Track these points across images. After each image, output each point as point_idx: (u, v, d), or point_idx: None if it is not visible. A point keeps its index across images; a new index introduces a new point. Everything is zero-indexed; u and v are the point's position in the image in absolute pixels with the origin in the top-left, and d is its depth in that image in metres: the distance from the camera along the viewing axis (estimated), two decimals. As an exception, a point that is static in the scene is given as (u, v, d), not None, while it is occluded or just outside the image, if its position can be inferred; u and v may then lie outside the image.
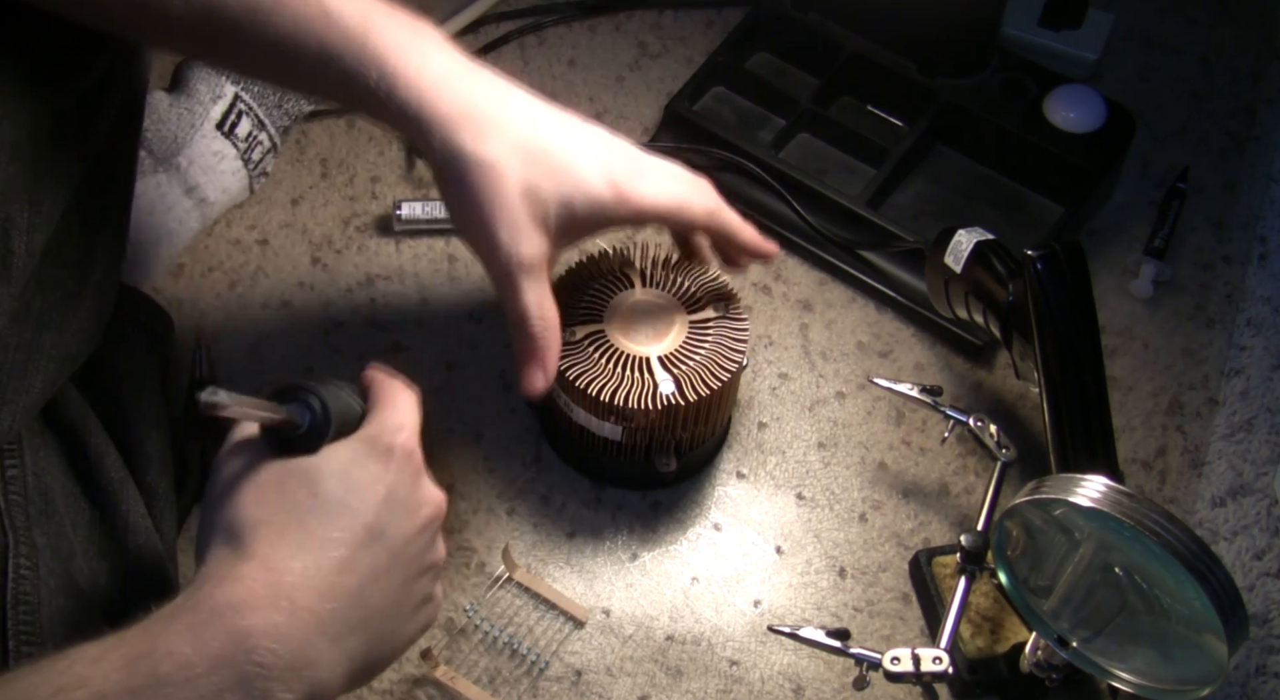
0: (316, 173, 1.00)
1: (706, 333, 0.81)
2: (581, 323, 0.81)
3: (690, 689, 0.80)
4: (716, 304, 0.82)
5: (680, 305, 0.82)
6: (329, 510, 0.57)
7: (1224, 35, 1.10)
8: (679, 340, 0.80)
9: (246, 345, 0.91)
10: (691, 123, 1.00)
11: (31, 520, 0.69)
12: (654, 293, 0.82)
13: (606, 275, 0.83)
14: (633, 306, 0.82)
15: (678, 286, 0.82)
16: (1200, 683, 0.68)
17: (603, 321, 0.81)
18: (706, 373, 0.79)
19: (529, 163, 0.69)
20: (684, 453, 0.83)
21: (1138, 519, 0.65)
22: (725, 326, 0.81)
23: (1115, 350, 0.93)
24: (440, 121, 0.68)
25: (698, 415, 0.81)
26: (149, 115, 0.90)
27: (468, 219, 0.70)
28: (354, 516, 0.58)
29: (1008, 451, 0.84)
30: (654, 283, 0.83)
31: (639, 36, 1.09)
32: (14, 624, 0.65)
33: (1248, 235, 1.00)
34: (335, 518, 0.57)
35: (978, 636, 0.80)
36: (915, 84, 1.00)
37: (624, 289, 0.82)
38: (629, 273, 0.83)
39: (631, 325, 0.81)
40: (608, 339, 0.80)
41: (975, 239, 0.85)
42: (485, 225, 0.69)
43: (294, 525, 0.57)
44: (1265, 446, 0.90)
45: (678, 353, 0.79)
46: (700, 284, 0.82)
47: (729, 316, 0.81)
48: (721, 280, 0.83)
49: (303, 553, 0.56)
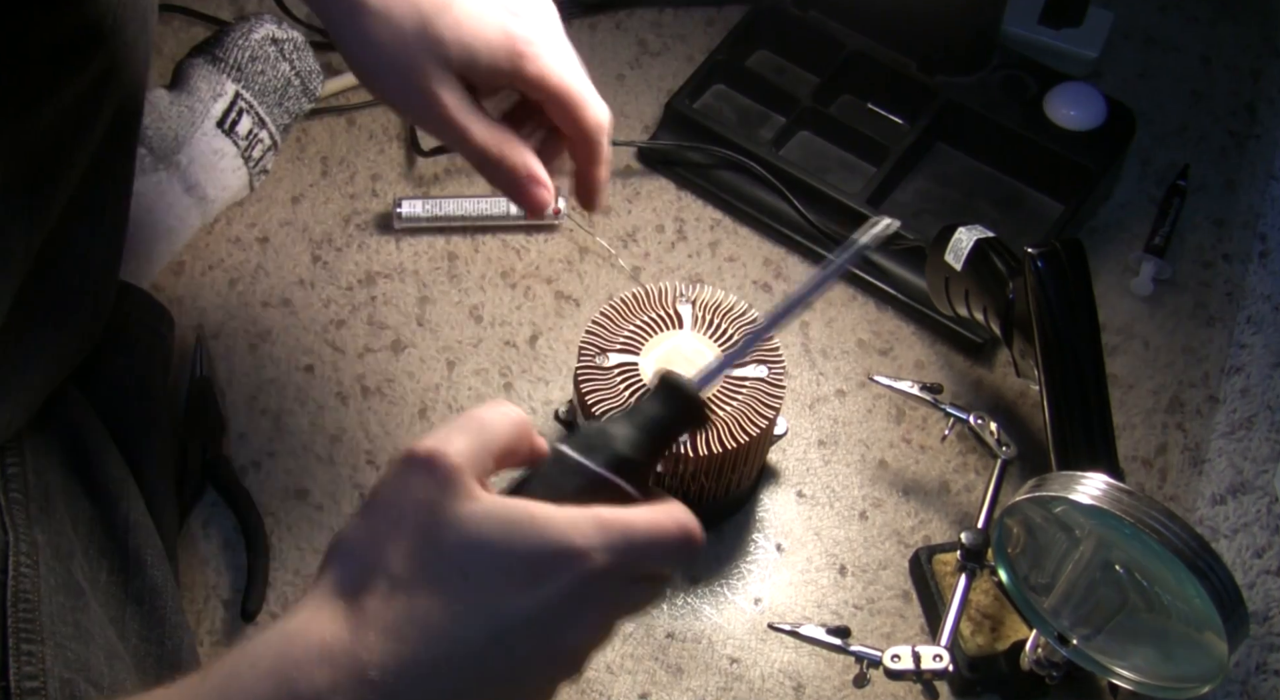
0: (317, 170, 1.00)
1: (741, 389, 0.78)
2: (618, 351, 0.79)
3: (691, 686, 0.80)
4: (759, 364, 0.79)
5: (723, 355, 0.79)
6: (460, 600, 0.47)
7: (1224, 33, 1.10)
8: (710, 391, 0.77)
9: (247, 343, 0.91)
10: (692, 120, 1.00)
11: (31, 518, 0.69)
12: (700, 338, 0.80)
13: (657, 310, 0.81)
14: (675, 346, 0.80)
15: (726, 335, 0.80)
16: (1200, 680, 0.69)
17: (639, 355, 0.79)
18: (726, 431, 0.76)
19: (426, 4, 0.63)
20: (694, 504, 0.81)
21: (1138, 517, 0.65)
22: (762, 388, 0.78)
23: (1115, 348, 0.93)
24: None
25: (709, 470, 0.78)
26: (149, 113, 0.90)
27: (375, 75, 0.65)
28: (490, 613, 0.47)
29: (1008, 449, 0.84)
30: (703, 327, 0.80)
31: (639, 34, 1.09)
32: (14, 622, 0.65)
33: (1248, 233, 1.00)
34: (462, 615, 0.47)
35: (978, 634, 0.80)
36: (916, 82, 1.00)
37: (670, 328, 0.80)
38: (680, 312, 0.81)
39: (667, 364, 0.78)
40: (638, 373, 0.78)
41: (975, 237, 0.84)
42: (395, 79, 0.64)
43: (420, 590, 0.47)
44: (1265, 444, 0.90)
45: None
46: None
47: (769, 380, 0.79)
48: (774, 342, 0.80)
49: (407, 628, 0.47)
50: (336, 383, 0.90)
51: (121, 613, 0.73)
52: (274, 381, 0.90)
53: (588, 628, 0.49)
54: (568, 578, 0.48)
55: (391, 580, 0.47)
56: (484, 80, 0.66)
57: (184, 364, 0.89)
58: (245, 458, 0.87)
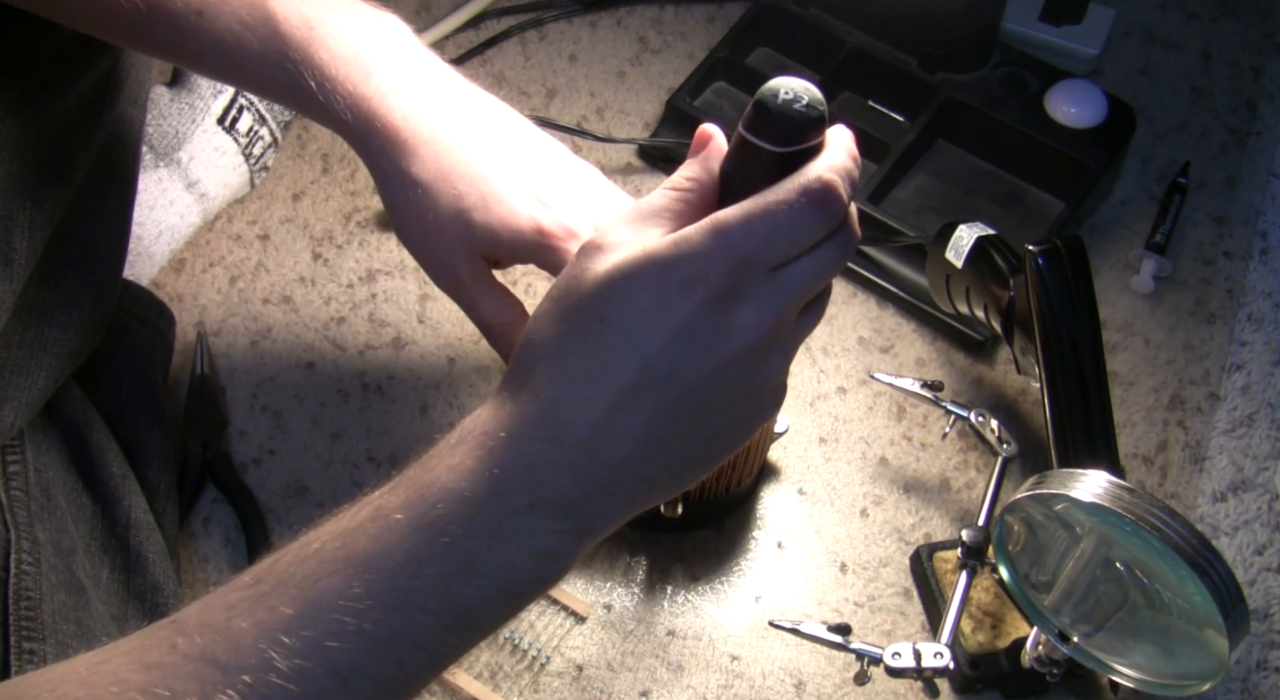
0: (318, 168, 1.00)
1: None
2: None
3: (691, 684, 0.80)
4: None
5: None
6: (609, 339, 0.51)
7: (1225, 30, 1.10)
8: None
9: (247, 340, 0.92)
10: (693, 118, 1.00)
11: (34, 516, 0.69)
12: None
13: None
14: None
15: None
16: (1201, 678, 0.69)
17: None
18: None
19: (464, 186, 0.68)
20: (693, 501, 0.81)
21: (1139, 514, 0.65)
22: None
23: (1116, 345, 0.93)
24: (378, 140, 0.67)
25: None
26: (150, 110, 0.90)
27: (407, 236, 0.70)
28: (633, 350, 0.51)
29: (1009, 446, 0.84)
30: None
31: (640, 31, 1.09)
32: (16, 620, 0.65)
33: (1249, 230, 1.00)
34: (614, 349, 0.51)
35: (979, 632, 0.80)
36: (916, 79, 1.00)
37: None
38: None
39: None
40: None
41: (976, 234, 0.84)
42: (423, 245, 0.69)
43: (576, 349, 0.51)
44: (1266, 442, 0.90)
45: None
46: None
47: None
48: None
49: (579, 383, 0.51)
50: (337, 380, 0.90)
51: (123, 610, 0.73)
52: (275, 379, 0.90)
53: (744, 333, 0.51)
54: (699, 296, 0.50)
55: (549, 349, 0.51)
56: (506, 261, 0.71)
57: (185, 361, 0.89)
58: (246, 455, 0.87)
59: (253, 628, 0.48)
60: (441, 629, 0.50)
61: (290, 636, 0.47)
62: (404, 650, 0.49)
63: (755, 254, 0.51)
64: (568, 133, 1.00)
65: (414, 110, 0.68)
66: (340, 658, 0.48)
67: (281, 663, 0.47)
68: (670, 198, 0.54)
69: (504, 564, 0.50)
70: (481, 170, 0.68)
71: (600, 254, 0.52)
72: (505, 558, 0.50)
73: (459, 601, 0.50)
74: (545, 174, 0.70)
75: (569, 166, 0.72)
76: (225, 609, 0.49)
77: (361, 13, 0.69)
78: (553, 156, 0.72)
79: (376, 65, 0.67)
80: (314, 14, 0.66)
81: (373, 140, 0.67)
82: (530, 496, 0.50)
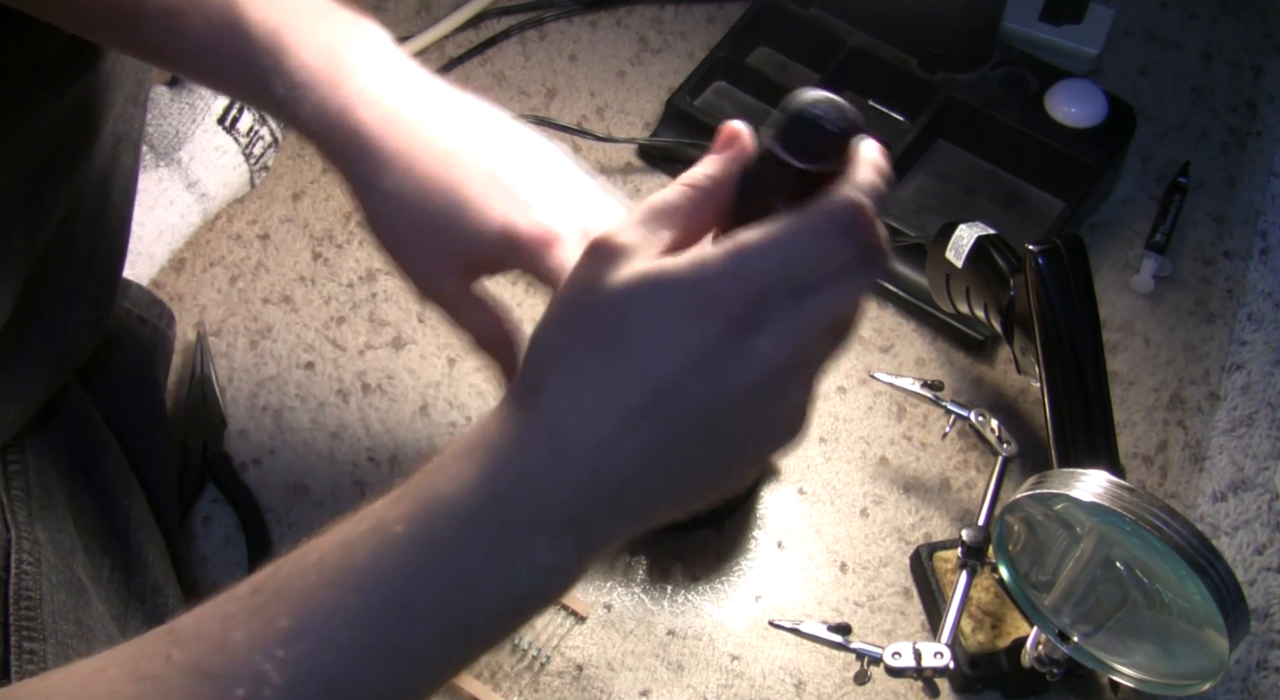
0: (318, 167, 1.00)
1: None
2: None
3: (691, 683, 0.80)
4: None
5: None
6: (621, 358, 0.49)
7: (1225, 30, 1.10)
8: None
9: (247, 340, 0.92)
10: (693, 118, 1.00)
11: (33, 516, 0.69)
12: None
13: None
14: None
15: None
16: (1201, 677, 0.69)
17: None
18: None
19: (438, 199, 0.66)
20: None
21: (1139, 514, 0.65)
22: None
23: (1116, 345, 0.93)
24: (348, 153, 0.65)
25: None
26: (151, 110, 0.90)
27: (384, 250, 0.68)
28: (646, 372, 0.49)
29: (1009, 446, 0.84)
30: None
31: (640, 31, 1.09)
32: (16, 620, 0.65)
33: (1249, 230, 1.00)
34: (627, 369, 0.49)
35: (979, 631, 0.80)
36: (917, 79, 1.00)
37: None
38: None
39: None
40: None
41: (976, 234, 0.84)
42: (401, 258, 0.68)
43: (586, 363, 0.49)
44: (1266, 441, 0.90)
45: None
46: None
47: None
48: None
49: (589, 399, 0.49)
50: (337, 379, 0.90)
51: (124, 610, 0.73)
52: (274, 378, 0.90)
53: (763, 361, 0.49)
54: (716, 322, 0.48)
55: (559, 361, 0.50)
56: (490, 268, 0.69)
57: (185, 361, 0.89)
58: (246, 454, 0.87)
59: (248, 640, 0.47)
60: (441, 643, 0.49)
61: (286, 650, 0.47)
62: (402, 664, 0.48)
63: (777, 280, 0.48)
64: (568, 132, 1.00)
65: (385, 122, 0.65)
66: (337, 671, 0.47)
67: (276, 676, 0.46)
68: (685, 195, 0.53)
69: (505, 578, 0.49)
70: (455, 180, 0.66)
71: (612, 259, 0.50)
72: (506, 572, 0.49)
73: (458, 615, 0.49)
74: (529, 176, 0.68)
75: (557, 168, 0.70)
76: (222, 620, 0.48)
77: (336, 19, 0.66)
78: (540, 158, 0.69)
79: (346, 75, 0.65)
80: (283, 20, 0.64)
81: (343, 153, 0.65)
82: (533, 511, 0.49)
